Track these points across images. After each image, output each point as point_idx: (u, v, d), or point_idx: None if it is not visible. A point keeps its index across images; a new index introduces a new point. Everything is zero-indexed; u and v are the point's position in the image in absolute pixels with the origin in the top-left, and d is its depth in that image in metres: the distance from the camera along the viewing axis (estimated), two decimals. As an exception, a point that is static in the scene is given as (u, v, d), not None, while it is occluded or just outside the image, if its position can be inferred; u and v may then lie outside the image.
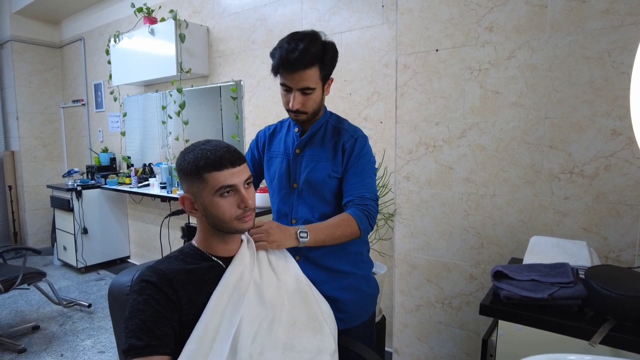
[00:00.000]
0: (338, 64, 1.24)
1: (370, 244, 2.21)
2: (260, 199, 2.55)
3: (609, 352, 0.99)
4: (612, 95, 1.46)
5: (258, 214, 2.45)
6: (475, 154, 1.75)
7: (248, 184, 0.96)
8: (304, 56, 1.12)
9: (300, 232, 1.09)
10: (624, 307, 1.00)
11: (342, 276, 1.30)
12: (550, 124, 1.58)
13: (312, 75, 1.15)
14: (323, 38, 1.17)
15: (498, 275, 1.21)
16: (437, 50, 1.81)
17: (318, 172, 1.25)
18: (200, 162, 0.91)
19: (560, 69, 1.54)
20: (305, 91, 1.17)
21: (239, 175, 0.93)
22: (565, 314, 1.08)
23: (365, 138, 1.29)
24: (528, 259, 1.35)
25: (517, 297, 1.12)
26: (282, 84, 1.19)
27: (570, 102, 1.54)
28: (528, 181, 1.65)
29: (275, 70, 1.18)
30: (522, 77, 1.62)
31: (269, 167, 1.36)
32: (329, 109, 1.35)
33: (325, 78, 1.20)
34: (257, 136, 1.43)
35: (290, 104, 1.18)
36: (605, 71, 1.46)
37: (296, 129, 1.31)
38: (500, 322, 1.15)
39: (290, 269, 1.09)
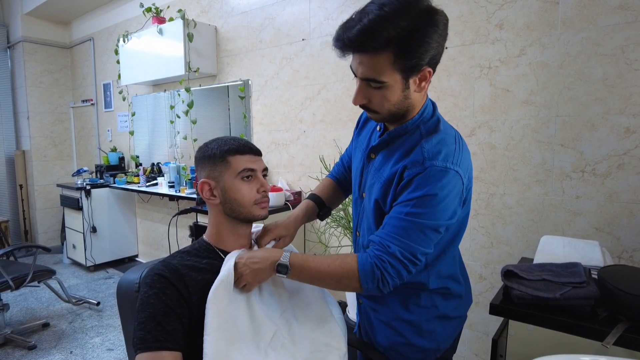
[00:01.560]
0: (346, 63, 1.01)
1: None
2: (274, 197, 2.54)
3: (624, 354, 0.98)
4: (625, 93, 1.43)
5: (269, 212, 2.45)
6: (485, 153, 1.73)
7: (264, 176, 1.02)
8: (364, 36, 0.78)
9: (279, 264, 0.88)
10: (638, 308, 0.98)
11: (377, 315, 1.01)
12: (562, 122, 1.56)
13: (379, 63, 0.80)
14: (418, 7, 0.77)
15: (508, 274, 1.20)
16: (446, 48, 1.79)
17: (374, 190, 0.96)
18: (225, 147, 0.98)
19: (572, 66, 1.52)
20: (371, 84, 0.84)
21: (258, 163, 1.00)
22: (577, 314, 1.06)
23: (443, 173, 0.84)
24: (539, 259, 1.33)
25: (528, 296, 1.11)
26: (354, 75, 0.87)
27: (582, 99, 1.51)
28: (539, 180, 1.63)
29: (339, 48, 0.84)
30: (533, 75, 1.60)
31: (353, 157, 1.12)
32: (337, 108, 1.35)
33: (410, 70, 0.82)
34: (360, 118, 1.15)
35: (355, 98, 0.88)
36: (619, 68, 1.44)
37: (378, 127, 1.02)
38: (511, 322, 1.14)
39: None
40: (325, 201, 1.22)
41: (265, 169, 1.02)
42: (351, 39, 0.80)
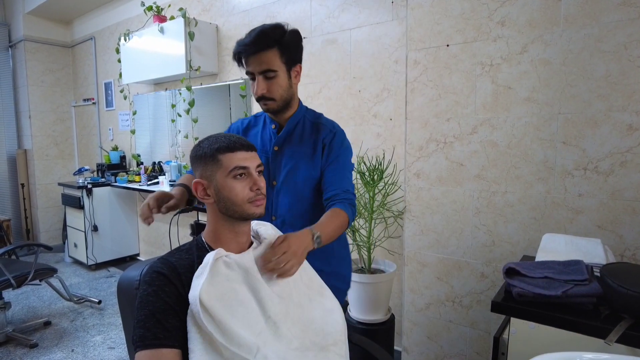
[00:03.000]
0: (348, 61, 1.27)
1: (379, 242, 2.20)
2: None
3: (626, 351, 0.97)
4: (628, 90, 1.42)
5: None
6: (486, 151, 1.73)
7: (259, 171, 0.99)
8: (260, 37, 1.14)
9: (315, 237, 1.05)
10: (641, 305, 0.98)
11: None
12: (564, 119, 1.55)
13: (272, 57, 1.16)
14: (286, 27, 1.19)
15: (510, 272, 1.19)
16: (447, 46, 1.78)
17: (299, 170, 1.26)
18: (215, 145, 0.95)
19: (575, 63, 1.51)
20: (267, 74, 1.16)
21: (251, 160, 0.97)
22: (579, 312, 1.06)
23: (343, 132, 1.31)
24: (541, 257, 1.32)
25: (529, 294, 1.10)
26: (247, 73, 1.20)
27: (585, 97, 1.50)
28: (541, 178, 1.62)
29: (238, 59, 1.19)
30: (535, 72, 1.59)
31: None
32: (338, 106, 1.35)
33: (290, 62, 1.19)
34: (230, 129, 1.41)
35: (254, 90, 1.19)
36: (622, 65, 1.43)
37: (273, 125, 1.30)
38: (513, 319, 1.13)
39: None
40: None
41: (260, 165, 0.99)
42: (253, 40, 1.14)
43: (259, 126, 1.35)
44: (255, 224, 1.09)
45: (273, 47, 1.15)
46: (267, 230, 1.09)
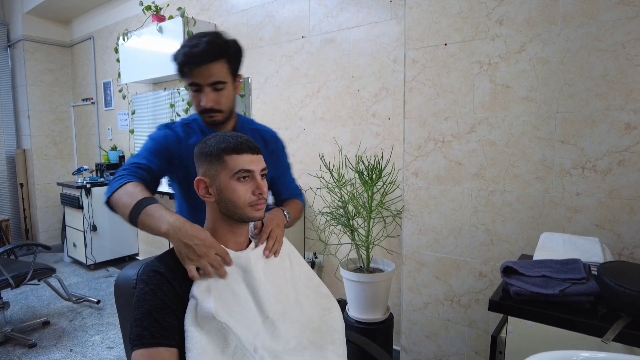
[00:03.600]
0: (346, 60, 1.26)
1: (378, 241, 2.20)
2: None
3: (623, 350, 0.97)
4: (626, 89, 1.42)
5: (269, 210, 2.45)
6: (485, 150, 1.73)
7: (263, 175, 0.98)
8: (211, 48, 1.09)
9: (285, 212, 1.21)
10: (638, 304, 0.98)
11: None
12: (562, 118, 1.55)
13: (221, 69, 1.12)
14: (226, 37, 1.16)
15: (508, 271, 1.19)
16: (445, 45, 1.78)
17: None
18: (222, 145, 0.94)
19: (573, 62, 1.51)
20: (216, 86, 1.12)
21: (256, 163, 0.96)
22: (577, 310, 1.06)
23: (281, 139, 1.43)
24: (538, 255, 1.32)
25: (527, 293, 1.10)
26: (191, 84, 1.13)
27: (583, 95, 1.50)
28: (539, 177, 1.62)
29: (182, 70, 1.12)
30: (533, 71, 1.59)
31: (186, 171, 1.22)
32: (337, 105, 1.35)
33: (234, 73, 1.17)
34: (156, 141, 1.22)
35: (202, 103, 1.13)
36: (620, 64, 1.43)
37: None
38: (510, 318, 1.13)
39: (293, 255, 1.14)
40: None
41: (265, 169, 0.99)
42: (204, 51, 1.08)
43: (197, 135, 1.23)
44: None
45: (222, 58, 1.12)
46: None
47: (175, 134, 1.23)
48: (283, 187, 1.39)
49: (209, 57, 1.10)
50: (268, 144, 1.34)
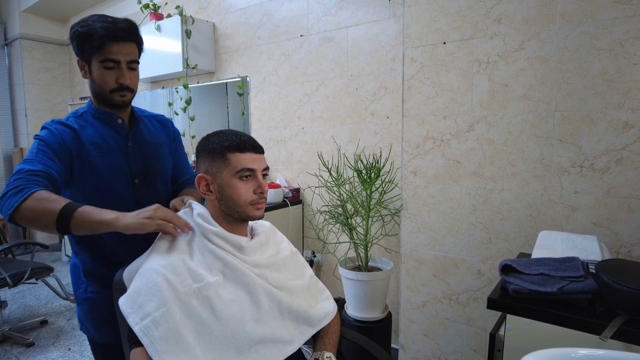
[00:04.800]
0: (345, 59, 1.25)
1: (376, 240, 2.20)
2: (272, 194, 2.53)
3: (621, 347, 0.97)
4: (624, 87, 1.43)
5: (268, 209, 2.45)
6: (483, 148, 1.73)
7: (265, 175, 0.99)
8: (130, 26, 1.12)
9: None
10: (636, 302, 0.98)
11: None
12: (560, 117, 1.55)
13: (135, 49, 1.15)
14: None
15: (506, 269, 1.19)
16: (444, 43, 1.78)
17: (164, 160, 1.29)
18: (225, 143, 0.94)
19: (571, 60, 1.51)
20: (132, 65, 1.14)
21: (259, 162, 0.97)
22: (575, 308, 1.06)
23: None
24: (537, 254, 1.33)
25: (525, 291, 1.10)
26: (107, 60, 1.08)
27: (581, 94, 1.51)
28: (537, 175, 1.62)
29: (100, 44, 1.06)
30: (532, 70, 1.59)
31: (92, 166, 1.12)
32: (335, 104, 1.35)
33: (140, 55, 1.19)
34: (61, 133, 1.10)
35: (121, 80, 1.11)
36: (618, 62, 1.43)
37: (119, 120, 1.19)
38: (509, 316, 1.13)
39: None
40: None
41: (266, 168, 0.99)
42: (127, 27, 1.11)
43: (94, 126, 1.16)
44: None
45: (136, 40, 1.15)
46: (262, 224, 1.10)
47: (70, 129, 1.12)
48: (182, 169, 1.38)
49: (130, 35, 1.12)
50: (167, 128, 1.36)
